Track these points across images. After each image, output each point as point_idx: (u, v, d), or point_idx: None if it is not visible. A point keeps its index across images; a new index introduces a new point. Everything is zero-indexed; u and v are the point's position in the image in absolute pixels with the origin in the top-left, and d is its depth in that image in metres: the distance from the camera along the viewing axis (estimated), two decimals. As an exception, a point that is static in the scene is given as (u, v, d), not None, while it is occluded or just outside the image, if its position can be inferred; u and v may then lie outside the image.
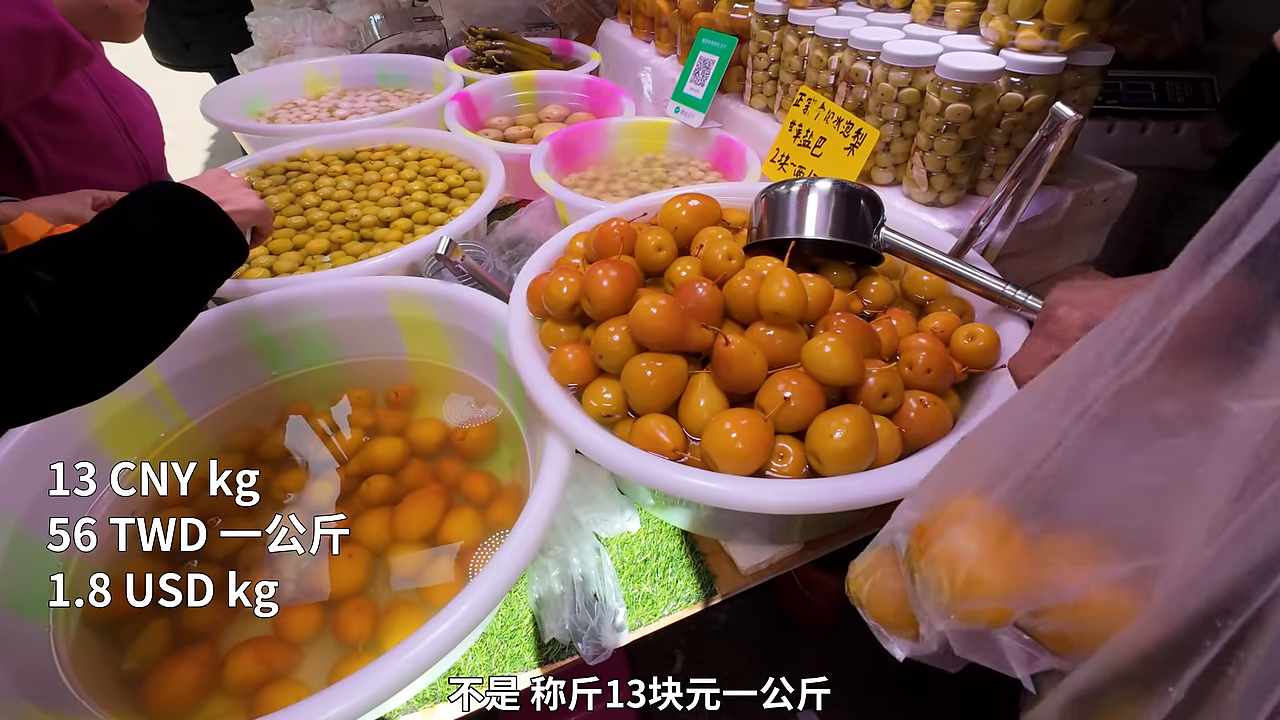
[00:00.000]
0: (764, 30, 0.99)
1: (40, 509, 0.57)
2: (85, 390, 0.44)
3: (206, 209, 0.54)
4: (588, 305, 0.58)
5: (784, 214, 0.65)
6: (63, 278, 0.41)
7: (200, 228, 0.54)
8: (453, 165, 1.08)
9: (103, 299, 0.43)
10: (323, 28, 1.79)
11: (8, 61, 0.71)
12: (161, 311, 0.49)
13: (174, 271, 0.50)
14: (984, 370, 0.56)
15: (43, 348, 0.40)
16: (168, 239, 0.50)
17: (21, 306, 0.39)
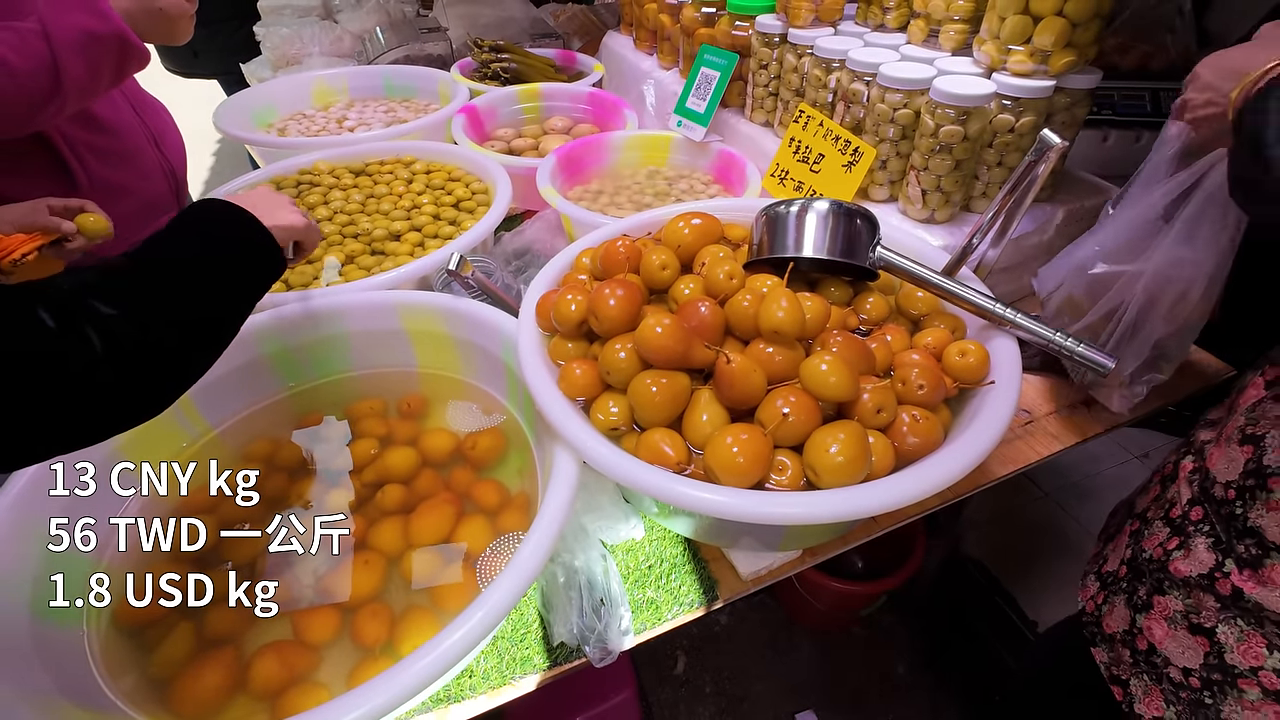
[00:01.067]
0: (764, 48, 1.02)
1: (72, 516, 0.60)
2: (136, 416, 0.47)
3: (250, 224, 0.57)
4: (595, 323, 0.60)
5: (783, 233, 0.68)
6: (123, 311, 0.44)
7: (245, 244, 0.56)
8: (460, 178, 1.11)
9: (159, 331, 0.46)
10: (330, 38, 1.82)
11: (72, 63, 0.73)
12: (210, 336, 0.52)
13: (222, 296, 0.53)
14: (974, 386, 0.58)
15: (101, 379, 0.42)
16: (216, 263, 0.53)
17: (83, 339, 0.41)
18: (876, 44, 0.88)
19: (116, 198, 0.96)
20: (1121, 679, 0.66)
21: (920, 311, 0.69)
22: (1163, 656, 0.61)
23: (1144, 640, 0.63)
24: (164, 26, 0.79)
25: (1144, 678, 0.63)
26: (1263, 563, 0.53)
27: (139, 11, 0.77)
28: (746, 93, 1.11)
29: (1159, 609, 0.62)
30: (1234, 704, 0.55)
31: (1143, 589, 0.64)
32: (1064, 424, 0.79)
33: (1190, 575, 0.59)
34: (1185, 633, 0.59)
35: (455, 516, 0.67)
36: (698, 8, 1.18)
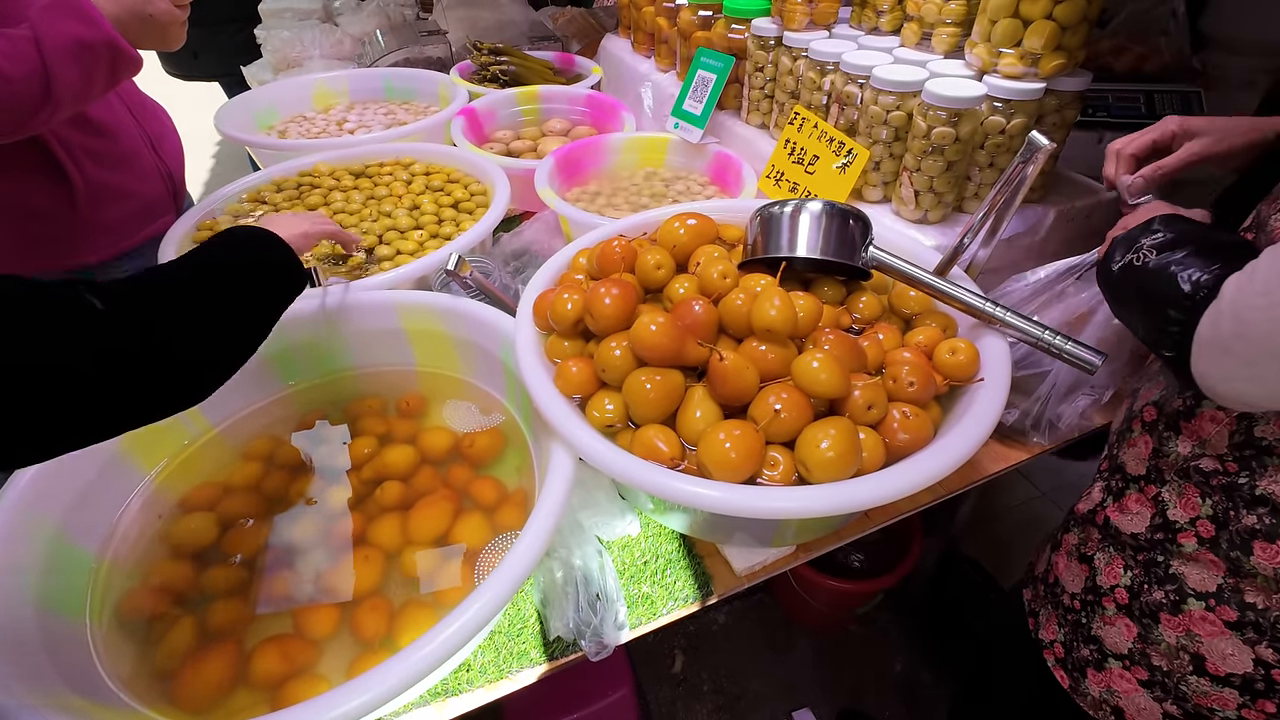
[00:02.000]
0: (760, 50, 1.03)
1: (76, 513, 0.61)
2: (161, 410, 0.49)
3: (274, 243, 0.62)
4: (591, 321, 0.61)
5: (777, 233, 0.69)
6: (169, 311, 0.48)
7: (273, 263, 0.61)
8: (460, 180, 1.12)
9: (193, 335, 0.49)
10: (330, 41, 1.84)
11: (64, 71, 0.74)
12: (240, 342, 0.55)
13: (254, 306, 0.56)
14: (964, 384, 0.59)
15: (139, 370, 0.45)
16: (248, 275, 0.57)
17: (129, 334, 0.44)
18: (870, 47, 0.89)
19: (112, 200, 0.97)
20: (1034, 610, 0.73)
21: (912, 310, 0.70)
22: (1061, 586, 0.69)
23: (1052, 575, 0.71)
24: (156, 33, 0.80)
25: (1048, 606, 0.71)
26: (1124, 493, 0.62)
27: (130, 18, 0.77)
28: (743, 95, 1.12)
29: (1064, 545, 0.70)
30: (1100, 621, 0.63)
31: (1060, 532, 0.72)
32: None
33: (1083, 512, 0.67)
34: (1076, 562, 0.67)
35: (453, 513, 0.68)
36: (694, 11, 1.19)
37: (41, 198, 0.90)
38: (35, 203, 0.91)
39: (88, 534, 0.62)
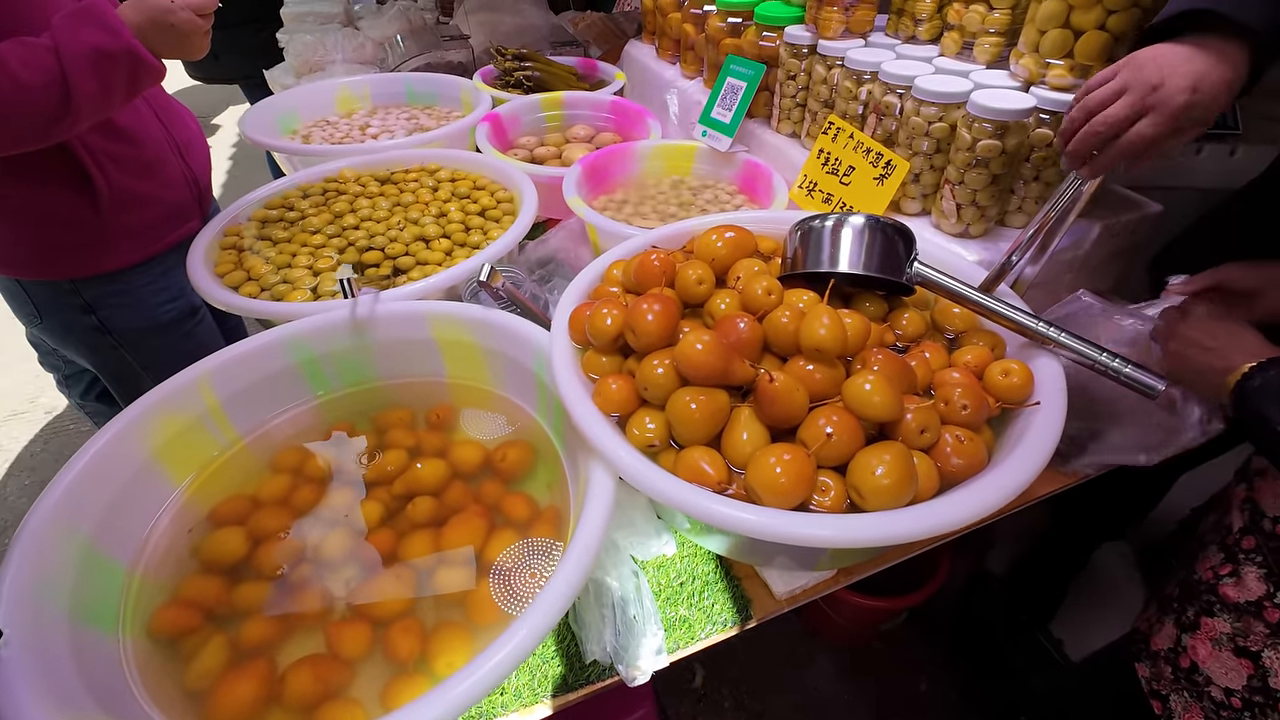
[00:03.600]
0: (792, 59, 1.02)
1: (107, 526, 0.60)
2: None
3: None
4: (632, 338, 0.60)
5: (819, 247, 0.67)
6: None
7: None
8: (485, 187, 1.11)
9: None
10: (352, 45, 1.83)
11: (83, 80, 0.74)
12: None
13: None
14: (1018, 406, 0.57)
15: None
16: None
17: None
18: (909, 56, 0.88)
19: (138, 207, 0.97)
20: (1161, 694, 0.67)
21: (957, 328, 0.68)
22: (1205, 675, 0.62)
23: (1187, 659, 0.64)
24: (178, 42, 0.79)
25: (1184, 694, 0.64)
26: None
27: (151, 27, 0.77)
28: (773, 103, 1.10)
29: (1205, 630, 0.63)
30: None
31: (1191, 610, 0.65)
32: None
33: (1239, 601, 0.59)
34: (1230, 655, 0.60)
35: (486, 530, 0.67)
36: (723, 18, 1.17)
37: (67, 205, 0.90)
38: (61, 210, 0.90)
39: (119, 546, 0.61)
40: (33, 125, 0.75)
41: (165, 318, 1.04)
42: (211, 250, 0.94)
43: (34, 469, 1.82)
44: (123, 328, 1.02)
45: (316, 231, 0.99)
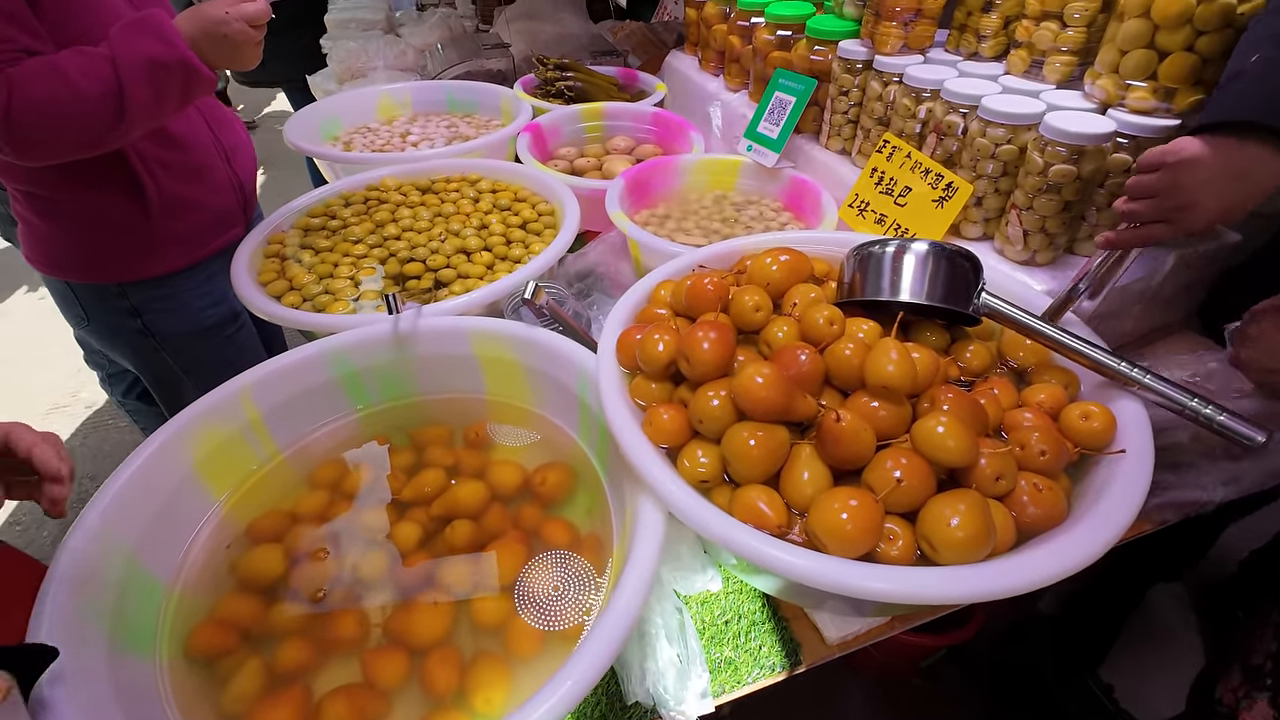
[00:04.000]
0: (846, 74, 0.99)
1: (150, 540, 0.59)
2: None
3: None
4: (686, 367, 0.57)
5: (879, 274, 0.64)
6: None
7: None
8: (526, 199, 1.10)
9: None
10: (394, 52, 1.85)
11: (138, 89, 0.75)
12: None
13: None
14: (1099, 453, 0.54)
15: None
16: None
17: None
18: (971, 73, 0.84)
19: (185, 212, 0.97)
20: None
21: (1027, 363, 0.64)
22: None
23: None
24: (230, 52, 0.80)
25: None
26: None
27: (205, 38, 0.77)
28: (823, 119, 1.07)
29: None
30: None
31: None
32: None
33: None
34: None
35: (525, 557, 0.65)
36: (772, 30, 1.15)
37: (118, 210, 0.91)
38: (112, 215, 0.91)
39: (160, 562, 0.60)
40: (89, 133, 0.76)
41: (208, 322, 1.05)
42: (255, 258, 0.94)
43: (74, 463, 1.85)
44: (166, 331, 1.03)
45: (358, 241, 0.98)
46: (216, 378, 0.73)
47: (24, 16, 0.74)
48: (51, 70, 0.71)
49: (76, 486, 0.55)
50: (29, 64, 0.72)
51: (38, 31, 0.75)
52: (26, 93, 0.70)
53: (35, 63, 0.72)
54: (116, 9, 0.82)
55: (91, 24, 0.78)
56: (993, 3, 0.84)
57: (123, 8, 0.83)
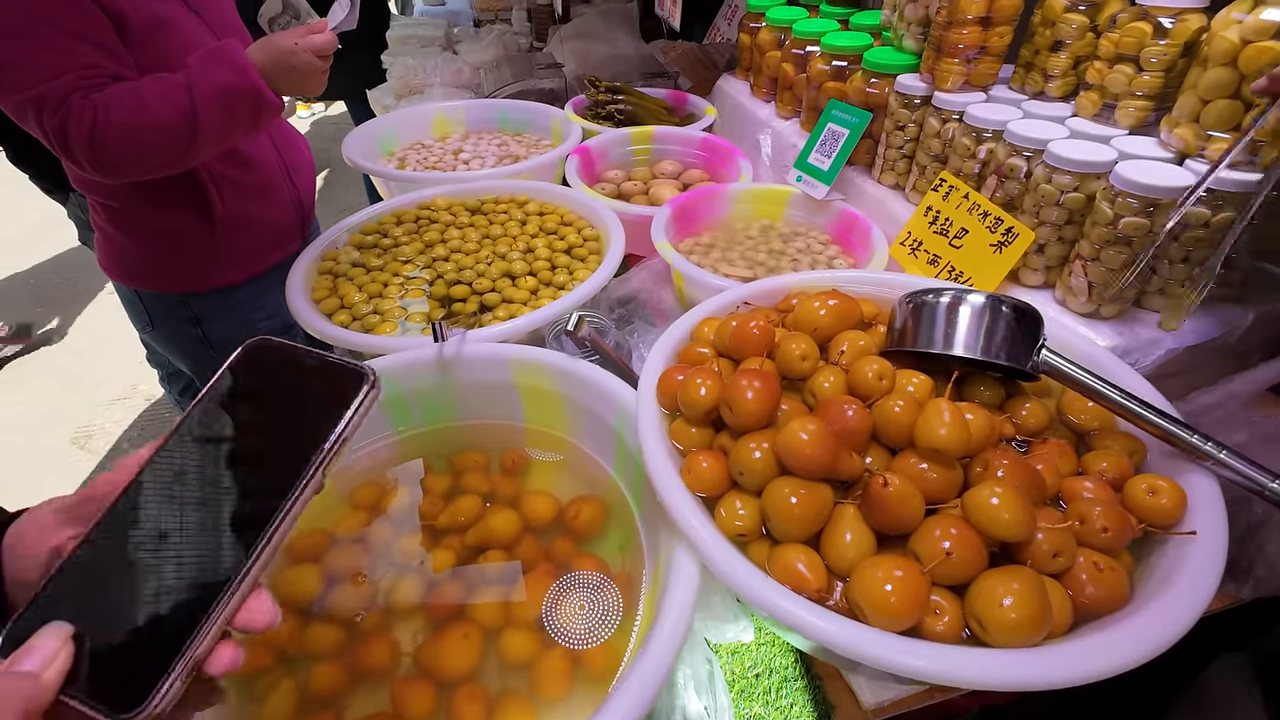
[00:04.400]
0: (903, 109, 0.96)
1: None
2: None
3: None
4: (728, 415, 0.56)
5: (932, 325, 0.62)
6: None
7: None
8: (573, 223, 1.11)
9: None
10: (450, 69, 1.90)
11: (210, 115, 0.79)
12: None
13: None
14: (1166, 533, 0.50)
15: None
16: None
17: None
18: (1037, 114, 0.81)
19: (247, 228, 1.01)
20: None
21: (1088, 426, 0.61)
22: None
23: None
24: (298, 81, 0.83)
25: None
26: None
27: (274, 67, 0.81)
28: (876, 152, 1.05)
29: None
30: None
31: None
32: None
33: None
34: None
35: (556, 594, 0.64)
36: (828, 60, 1.13)
37: (187, 225, 0.95)
38: (181, 229, 0.96)
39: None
40: (164, 155, 0.80)
41: (262, 333, 1.08)
42: (310, 275, 0.97)
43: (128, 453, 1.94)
44: (222, 340, 1.07)
45: (408, 261, 1.01)
46: None
47: (113, 45, 0.79)
48: (133, 97, 0.76)
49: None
50: (114, 90, 0.76)
51: (125, 58, 0.80)
52: (110, 117, 0.74)
53: (119, 89, 0.76)
54: (199, 38, 0.87)
55: (175, 51, 0.83)
56: (1062, 42, 0.81)
57: (204, 37, 0.87)
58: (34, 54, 0.74)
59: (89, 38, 0.77)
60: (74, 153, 0.76)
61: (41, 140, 0.78)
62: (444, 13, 2.92)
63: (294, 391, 0.39)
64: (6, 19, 0.72)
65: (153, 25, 0.82)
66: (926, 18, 0.96)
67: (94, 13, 0.77)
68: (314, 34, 0.81)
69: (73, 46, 0.75)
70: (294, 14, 0.83)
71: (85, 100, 0.75)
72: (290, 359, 0.40)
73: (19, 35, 0.73)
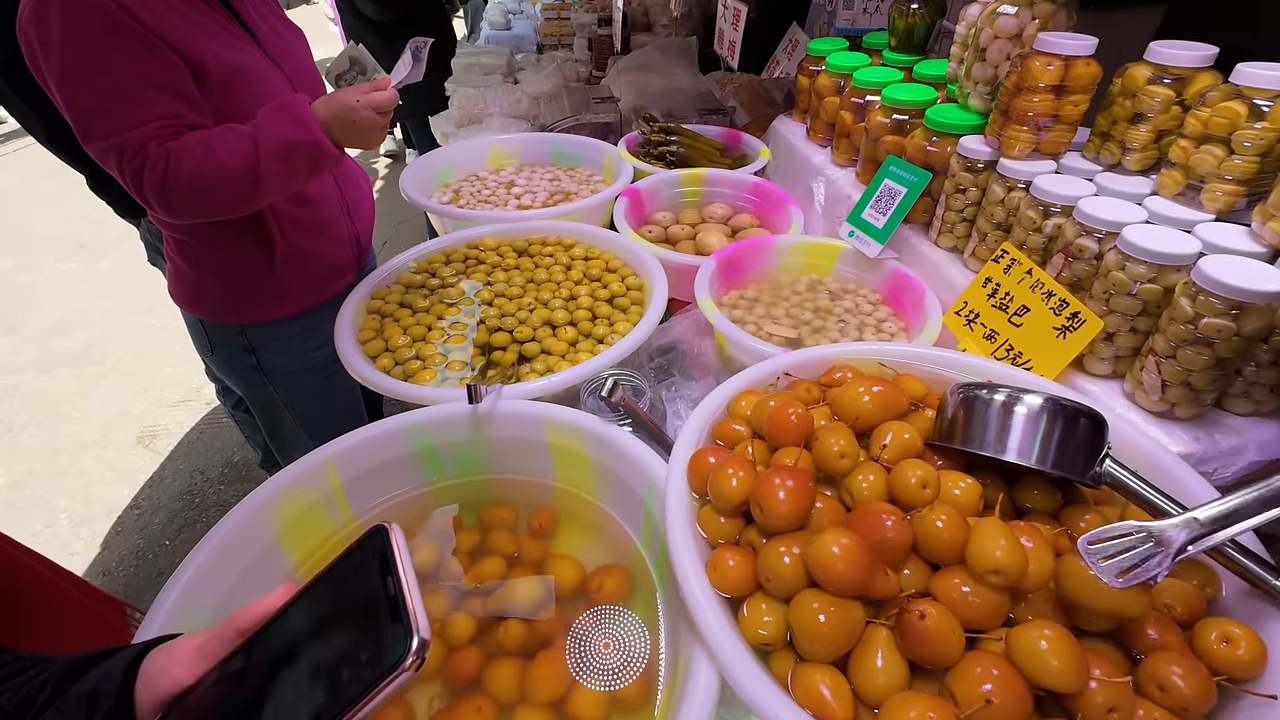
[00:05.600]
0: (965, 172, 0.92)
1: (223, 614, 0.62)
2: None
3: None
4: (758, 514, 0.54)
5: (984, 425, 0.58)
6: None
7: None
8: (617, 270, 1.10)
9: None
10: (510, 100, 1.94)
11: (271, 166, 0.82)
12: None
13: None
14: (1238, 689, 0.45)
15: None
16: None
17: None
18: (1111, 189, 0.76)
19: (305, 263, 1.05)
20: None
21: (1155, 547, 0.56)
22: None
23: None
24: (357, 136, 0.86)
25: None
26: None
27: (335, 122, 0.84)
28: (935, 213, 1.01)
29: None
30: None
31: None
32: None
33: None
34: None
35: (573, 675, 0.63)
36: (888, 113, 1.10)
37: (249, 260, 0.99)
38: (243, 264, 1.00)
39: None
40: (228, 201, 0.84)
41: (312, 363, 1.12)
42: (358, 313, 1.00)
43: (188, 456, 2.04)
44: (274, 368, 1.11)
45: (454, 303, 1.02)
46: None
47: (192, 94, 0.83)
48: (203, 147, 0.80)
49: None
50: (188, 139, 0.80)
51: (201, 107, 0.84)
52: (181, 167, 0.79)
53: (193, 139, 0.80)
54: (275, 85, 0.92)
55: (250, 98, 0.88)
56: (1144, 115, 0.76)
57: (280, 85, 0.92)
58: (122, 106, 0.79)
59: (170, 88, 0.81)
60: (146, 196, 0.81)
61: (118, 180, 0.82)
62: (509, 37, 3.00)
63: (370, 609, 0.39)
64: (109, 79, 0.78)
65: (230, 75, 0.87)
66: (994, 78, 0.92)
67: (177, 65, 0.82)
68: (377, 90, 0.83)
69: (155, 98, 0.80)
70: (360, 70, 0.86)
71: (160, 149, 0.79)
72: (383, 566, 0.40)
73: (114, 92, 0.78)
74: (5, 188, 3.69)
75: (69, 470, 1.98)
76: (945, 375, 0.74)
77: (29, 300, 2.80)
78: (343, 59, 0.84)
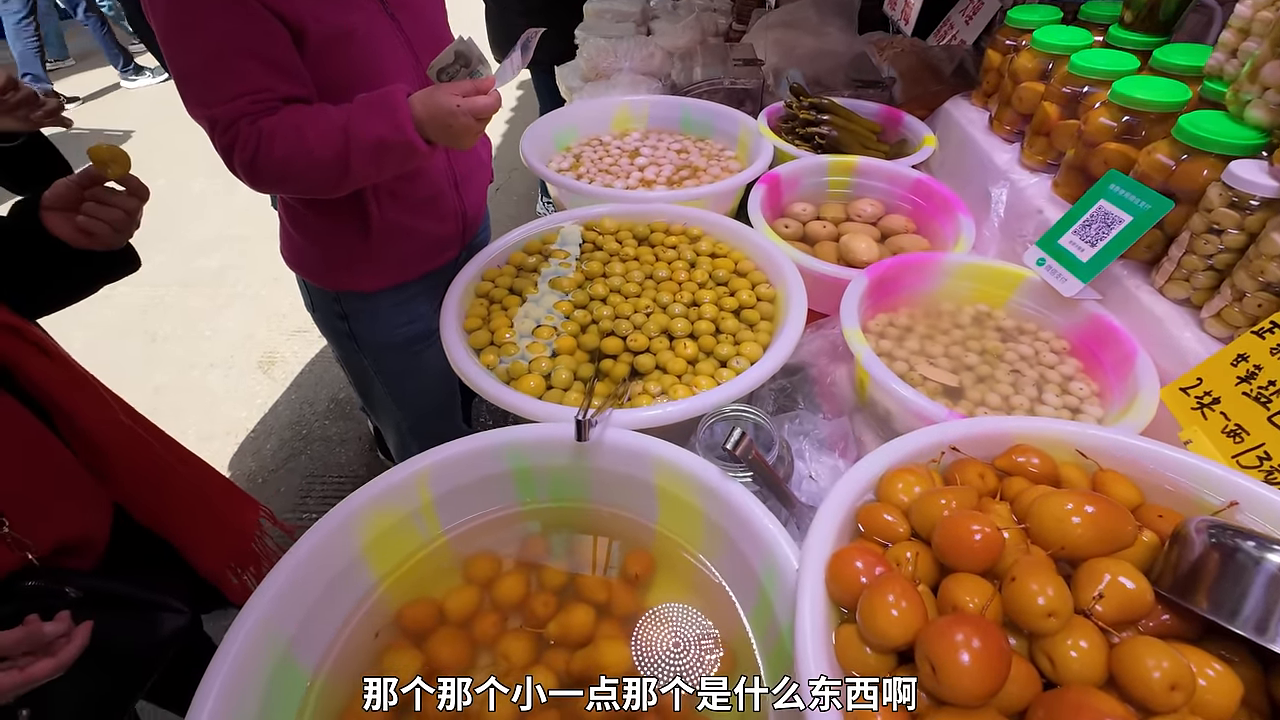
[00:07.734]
0: (1227, 207, 0.71)
1: (306, 628, 0.59)
2: None
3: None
4: (929, 678, 0.42)
5: (1243, 593, 0.44)
6: None
7: None
8: (747, 274, 0.97)
9: None
10: (642, 54, 1.79)
11: (360, 162, 0.79)
12: None
13: None
14: None
15: None
16: None
17: None
18: None
19: (402, 238, 1.00)
20: None
21: None
22: None
23: None
24: (453, 139, 0.81)
25: None
26: None
27: (431, 121, 0.78)
28: (1168, 253, 0.80)
29: None
30: None
31: None
32: None
33: None
34: None
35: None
36: (1116, 113, 0.88)
37: (344, 231, 0.98)
38: (338, 235, 0.99)
39: (309, 649, 0.60)
40: (314, 186, 0.84)
41: (399, 337, 1.11)
42: (468, 294, 0.93)
43: (299, 386, 2.15)
44: (365, 337, 1.11)
45: (566, 295, 0.93)
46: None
47: (287, 62, 0.80)
48: (295, 131, 0.77)
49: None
50: (281, 117, 0.78)
51: (299, 75, 0.81)
52: (271, 149, 0.77)
53: (285, 118, 0.78)
54: (388, 48, 0.87)
55: (357, 61, 0.84)
56: None
57: (396, 47, 0.87)
58: (215, 77, 0.76)
59: (264, 55, 0.78)
60: (236, 171, 0.81)
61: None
62: (645, -20, 2.80)
63: None
64: (203, 43, 0.75)
65: (333, 38, 0.82)
66: (1298, 84, 0.69)
67: (275, 29, 0.77)
68: (480, 92, 0.76)
69: (247, 70, 0.76)
70: (465, 63, 0.78)
71: (252, 127, 0.77)
72: None
73: (209, 57, 0.75)
74: (168, 116, 3.98)
75: (199, 386, 2.14)
76: (1174, 485, 0.57)
77: (178, 219, 3.02)
78: (448, 54, 0.77)
